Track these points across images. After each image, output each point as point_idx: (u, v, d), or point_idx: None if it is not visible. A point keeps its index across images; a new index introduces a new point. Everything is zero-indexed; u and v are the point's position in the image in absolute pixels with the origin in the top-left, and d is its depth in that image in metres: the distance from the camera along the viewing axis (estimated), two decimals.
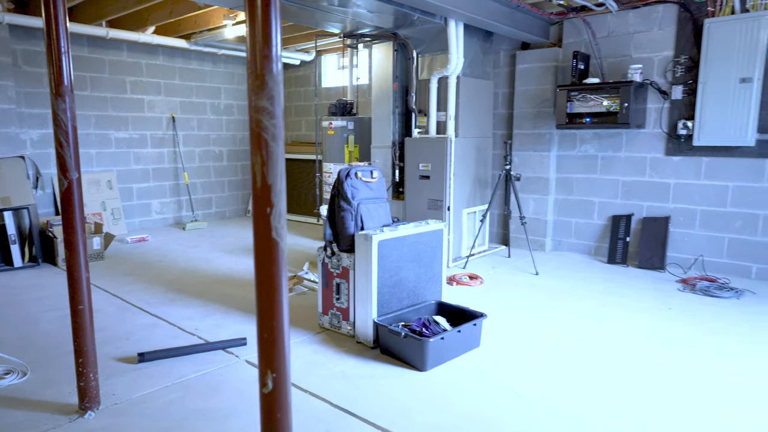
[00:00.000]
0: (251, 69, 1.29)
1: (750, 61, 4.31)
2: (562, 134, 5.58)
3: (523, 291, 4.28)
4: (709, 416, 2.36)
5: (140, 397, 2.52)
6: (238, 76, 8.11)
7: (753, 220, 4.56)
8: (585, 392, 2.59)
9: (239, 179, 8.33)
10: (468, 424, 2.30)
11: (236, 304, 3.93)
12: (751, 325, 3.50)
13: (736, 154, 4.59)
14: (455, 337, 2.95)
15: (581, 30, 5.31)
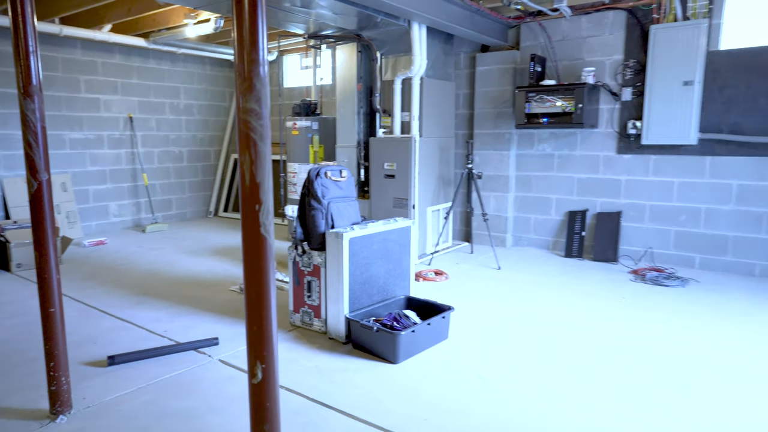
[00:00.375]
0: (239, 71, 1.35)
1: (691, 65, 4.62)
2: (520, 134, 5.79)
3: (487, 285, 4.43)
4: (658, 384, 2.55)
5: (113, 400, 2.50)
6: (197, 75, 7.99)
7: (696, 213, 4.88)
8: (548, 376, 2.74)
9: (200, 180, 8.20)
10: (439, 412, 2.41)
11: (205, 306, 3.92)
12: (694, 310, 3.76)
13: (681, 152, 4.90)
14: (425, 330, 3.06)
15: (538, 34, 5.53)
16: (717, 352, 3.06)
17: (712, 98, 4.68)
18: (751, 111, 4.54)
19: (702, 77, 4.65)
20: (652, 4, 4.85)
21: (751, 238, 4.65)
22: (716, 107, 4.68)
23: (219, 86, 8.32)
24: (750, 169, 4.59)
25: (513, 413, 2.39)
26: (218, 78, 8.30)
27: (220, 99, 8.36)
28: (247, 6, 1.33)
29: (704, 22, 4.54)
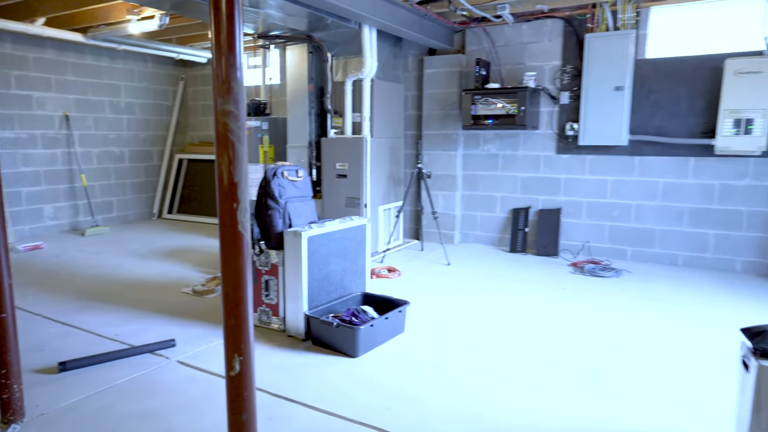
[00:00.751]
0: (217, 75, 1.39)
1: (622, 72, 4.98)
2: (467, 134, 6.02)
3: (438, 280, 4.60)
4: (597, 360, 2.78)
5: (69, 406, 2.45)
6: (138, 73, 7.73)
7: (627, 209, 5.26)
8: (498, 363, 2.91)
9: (143, 181, 7.94)
10: (400, 401, 2.52)
11: (157, 308, 3.84)
12: (625, 300, 4.08)
13: (613, 152, 5.26)
14: (383, 324, 3.16)
15: (482, 39, 5.77)
16: (644, 331, 3.34)
17: (641, 102, 5.07)
18: (674, 115, 4.95)
19: (631, 83, 5.02)
20: (586, 14, 5.19)
21: (674, 231, 5.07)
22: (644, 111, 5.07)
23: (162, 84, 8.09)
24: (673, 168, 5.01)
25: (467, 399, 2.53)
26: (160, 76, 8.06)
27: (162, 98, 8.12)
28: (225, 11, 1.38)
29: (632, 33, 4.91)
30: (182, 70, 8.34)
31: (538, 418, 2.35)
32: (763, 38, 4.50)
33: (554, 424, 2.31)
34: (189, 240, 6.32)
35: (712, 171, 4.86)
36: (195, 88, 8.35)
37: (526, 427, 2.28)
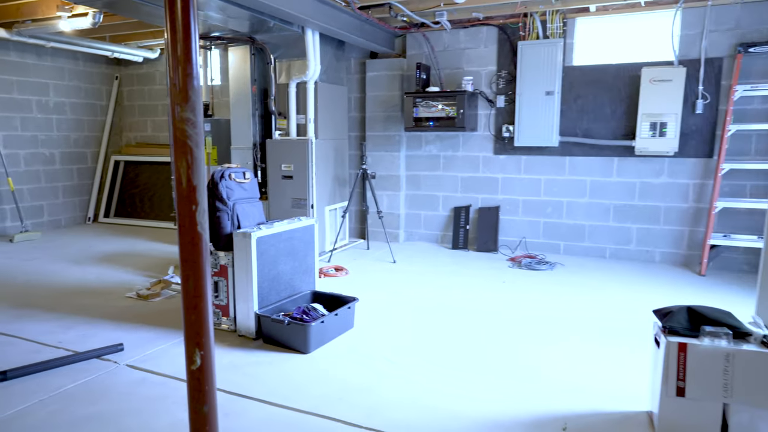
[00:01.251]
0: (174, 83, 1.46)
1: (552, 78, 5.32)
2: (409, 136, 6.21)
3: (385, 277, 4.75)
4: (534, 344, 3.02)
5: (15, 413, 2.40)
6: (68, 71, 7.41)
7: (559, 206, 5.63)
8: (444, 351, 3.09)
9: (76, 184, 7.61)
10: (352, 392, 2.64)
11: (99, 313, 3.77)
12: (558, 291, 4.39)
13: (546, 153, 5.61)
14: (333, 321, 3.27)
15: (422, 43, 5.98)
16: (574, 316, 3.64)
17: (569, 106, 5.44)
18: (599, 118, 5.35)
19: (560, 88, 5.38)
20: (518, 22, 5.50)
21: (602, 226, 5.48)
22: (572, 114, 5.44)
23: (95, 83, 7.78)
24: (599, 168, 5.41)
25: (415, 389, 2.69)
26: (93, 74, 7.76)
27: (96, 97, 7.82)
28: (181, 20, 1.45)
29: (560, 41, 5.26)
30: (117, 68, 8.06)
31: (482, 405, 2.54)
32: (672, 50, 4.95)
33: (496, 408, 2.51)
34: (129, 244, 6.15)
35: (633, 170, 5.30)
36: (131, 87, 8.09)
37: (471, 414, 2.46)
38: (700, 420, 2.15)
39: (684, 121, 4.97)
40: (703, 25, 4.85)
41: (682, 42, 4.94)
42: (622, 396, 2.60)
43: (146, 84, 7.96)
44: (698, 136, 4.98)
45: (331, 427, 2.31)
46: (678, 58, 4.94)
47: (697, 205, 5.08)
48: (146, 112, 8.02)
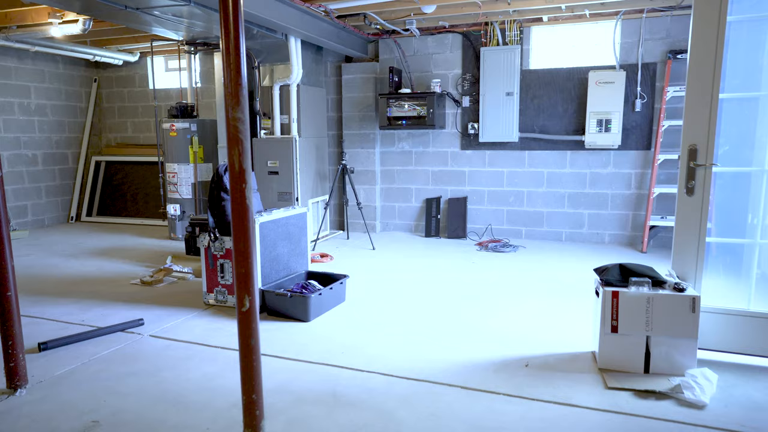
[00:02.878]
0: (229, 91, 1.93)
1: (511, 80, 5.94)
2: (383, 134, 6.73)
3: (366, 261, 5.25)
4: (501, 307, 3.58)
5: (64, 373, 2.79)
6: (49, 74, 7.60)
7: (520, 195, 6.25)
8: (425, 316, 3.62)
9: (58, 184, 7.80)
10: (350, 347, 3.13)
11: (111, 297, 4.13)
12: (521, 268, 4.99)
13: (507, 148, 6.23)
14: (329, 294, 3.75)
15: (393, 48, 6.50)
16: (534, 286, 4.23)
17: (527, 106, 6.06)
18: (553, 116, 6.00)
19: (519, 89, 6.00)
20: (480, 30, 6.09)
21: (558, 212, 6.13)
22: (530, 113, 6.07)
23: (74, 86, 7.99)
24: (554, 160, 6.06)
25: (402, 344, 3.20)
26: (73, 77, 7.96)
27: (76, 99, 8.03)
28: (233, 44, 1.92)
29: (518, 47, 5.88)
30: (95, 71, 8.28)
31: (459, 353, 3.08)
32: (614, 56, 5.63)
33: (471, 355, 3.05)
34: (118, 240, 6.44)
35: (584, 162, 5.96)
36: (110, 89, 8.32)
37: (451, 359, 2.99)
38: (629, 351, 2.74)
39: (625, 118, 5.66)
40: (639, 35, 5.55)
41: (622, 49, 5.63)
42: (572, 341, 3.18)
43: (125, 86, 8.20)
44: (638, 131, 5.68)
45: (338, 373, 2.80)
46: (619, 63, 5.63)
47: (638, 192, 5.78)
48: (126, 113, 8.27)
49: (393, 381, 2.70)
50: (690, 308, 2.64)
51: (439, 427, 2.26)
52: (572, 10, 5.51)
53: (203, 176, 6.46)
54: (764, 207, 2.77)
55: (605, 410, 2.39)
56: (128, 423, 2.32)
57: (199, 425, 2.30)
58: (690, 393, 2.45)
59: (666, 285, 2.75)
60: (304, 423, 2.31)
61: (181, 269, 4.82)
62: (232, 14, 1.90)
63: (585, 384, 2.64)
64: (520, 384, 2.65)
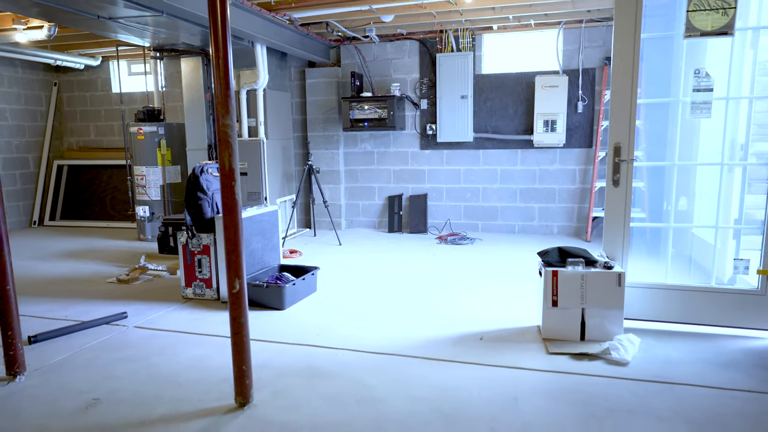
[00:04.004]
0: (219, 100, 2.23)
1: (465, 84, 6.37)
2: (346, 135, 7.05)
3: (334, 256, 5.57)
4: (459, 292, 3.97)
5: (58, 362, 3.00)
6: (7, 78, 7.56)
7: (476, 191, 6.70)
8: (390, 302, 3.97)
9: (19, 189, 7.76)
10: (324, 329, 3.45)
11: (89, 295, 4.30)
12: (477, 258, 5.42)
13: (463, 147, 6.66)
14: (302, 284, 4.06)
15: (354, 54, 6.84)
16: (489, 273, 4.65)
17: (480, 108, 6.51)
18: (504, 117, 6.47)
19: (473, 93, 6.44)
20: (435, 37, 6.50)
21: (511, 207, 6.61)
22: (483, 114, 6.53)
23: (34, 90, 7.95)
24: (506, 158, 6.54)
25: (371, 326, 3.55)
26: (32, 81, 7.93)
27: (36, 103, 7.99)
28: (222, 62, 2.21)
29: (470, 54, 6.32)
30: (55, 75, 8.26)
31: (421, 331, 3.44)
32: (558, 62, 6.15)
33: (430, 333, 3.42)
34: (85, 242, 6.52)
35: (533, 159, 6.46)
36: (70, 93, 8.31)
37: (414, 337, 3.35)
38: (568, 323, 3.17)
39: (569, 118, 6.19)
40: (579, 43, 6.08)
41: (564, 55, 6.15)
42: (521, 318, 3.60)
43: (87, 90, 8.22)
44: (580, 131, 6.21)
45: (314, 351, 3.12)
46: (562, 69, 6.15)
47: (582, 186, 6.32)
48: (88, 117, 8.28)
49: (363, 356, 3.04)
50: (617, 283, 3.09)
51: (406, 389, 2.62)
52: (519, 20, 5.98)
53: (171, 178, 6.62)
54: (676, 195, 3.26)
55: (547, 371, 2.81)
56: (126, 400, 2.57)
57: (191, 398, 2.57)
58: (616, 353, 2.90)
59: (597, 264, 3.20)
60: (287, 392, 2.62)
61: (156, 267, 5.00)
62: (221, 35, 2.20)
63: (531, 351, 3.05)
64: (475, 354, 3.04)
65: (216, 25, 2.19)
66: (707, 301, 3.24)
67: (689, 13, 2.96)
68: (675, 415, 2.34)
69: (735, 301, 3.19)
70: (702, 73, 3.03)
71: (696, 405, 2.42)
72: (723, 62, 3.41)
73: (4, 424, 2.36)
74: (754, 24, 3.54)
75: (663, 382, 2.65)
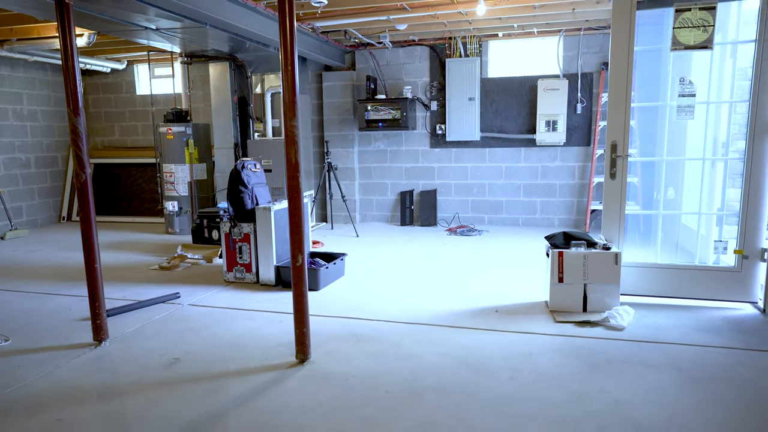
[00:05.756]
0: (287, 105, 2.70)
1: (473, 87, 6.86)
2: (361, 135, 7.53)
3: (353, 246, 6.05)
4: (471, 275, 4.45)
5: (133, 331, 3.47)
6: (39, 81, 8.01)
7: (483, 187, 7.19)
8: (411, 283, 4.45)
9: (49, 186, 8.20)
10: (358, 305, 3.93)
11: (138, 280, 4.76)
12: (485, 248, 5.91)
13: (471, 146, 7.15)
14: (334, 268, 4.53)
15: (368, 59, 7.31)
16: (498, 259, 5.14)
17: (486, 109, 7.00)
18: (509, 118, 6.96)
19: (479, 95, 6.93)
20: (445, 43, 6.99)
21: (515, 201, 7.10)
22: (489, 115, 7.01)
23: (62, 92, 8.39)
24: (511, 156, 7.02)
25: (398, 301, 4.02)
26: (61, 84, 8.37)
27: (64, 105, 8.43)
28: (289, 72, 2.69)
29: (477, 59, 6.81)
30: (82, 78, 8.70)
31: (442, 305, 3.92)
32: (558, 66, 6.64)
33: (451, 306, 3.90)
34: (117, 236, 6.97)
35: (536, 157, 6.95)
36: (96, 95, 8.75)
37: (436, 309, 3.83)
38: (572, 296, 3.66)
39: (569, 119, 6.68)
40: (578, 49, 6.57)
41: (564, 61, 6.64)
42: (530, 295, 4.09)
43: (112, 92, 8.67)
44: (579, 130, 6.71)
45: (353, 322, 3.60)
46: (563, 73, 6.64)
47: (581, 181, 6.82)
48: (112, 118, 8.73)
49: (396, 325, 3.52)
50: (614, 261, 3.58)
51: (436, 348, 3.10)
52: (523, 28, 6.47)
53: (198, 175, 7.08)
54: (665, 187, 3.75)
55: (555, 335, 3.29)
56: (201, 359, 3.04)
57: (256, 357, 3.05)
58: (614, 321, 3.39)
59: (597, 246, 3.69)
60: (337, 352, 3.10)
61: (193, 256, 5.47)
62: (289, 53, 2.67)
63: (540, 321, 3.54)
64: (492, 323, 3.52)
65: (286, 45, 2.67)
66: (692, 278, 3.73)
67: (675, 29, 3.45)
68: (662, 364, 2.83)
69: (715, 277, 3.69)
70: (686, 80, 3.52)
71: (680, 357, 2.92)
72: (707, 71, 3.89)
73: (106, 376, 2.83)
74: (733, 38, 4.04)
75: (653, 342, 3.14)
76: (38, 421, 2.39)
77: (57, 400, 2.57)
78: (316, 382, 2.71)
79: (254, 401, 2.52)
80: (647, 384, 2.61)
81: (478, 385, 2.64)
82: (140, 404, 2.52)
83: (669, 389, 2.56)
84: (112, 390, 2.67)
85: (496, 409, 2.41)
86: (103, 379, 2.79)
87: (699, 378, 2.67)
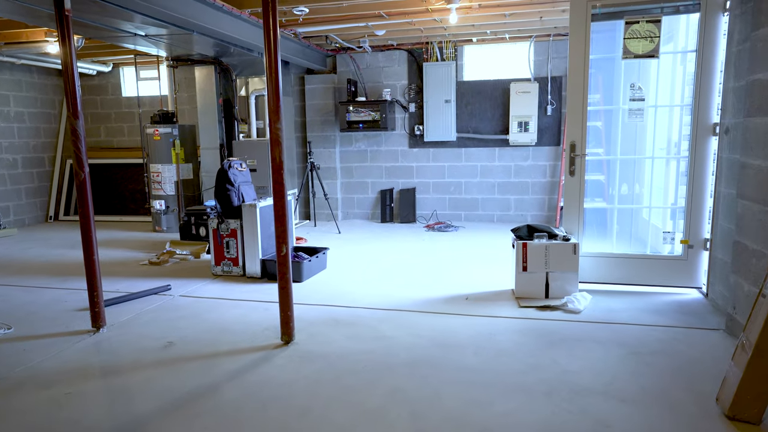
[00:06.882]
0: (272, 108, 2.99)
1: (449, 89, 7.19)
2: (343, 135, 7.81)
3: (335, 242, 6.33)
4: (446, 268, 4.77)
5: (128, 319, 3.71)
6: (26, 83, 8.14)
7: (459, 185, 7.52)
8: (390, 275, 4.75)
9: (36, 186, 8.34)
10: (341, 295, 4.21)
11: (130, 274, 4.99)
12: (461, 242, 6.24)
13: (447, 146, 7.48)
14: (316, 261, 4.82)
15: (349, 62, 7.60)
16: (473, 253, 5.47)
17: (462, 111, 7.34)
18: (483, 119, 7.30)
19: (455, 97, 7.26)
20: (422, 48, 7.31)
21: (490, 198, 7.45)
22: (465, 117, 7.35)
23: (48, 94, 8.54)
24: (486, 155, 7.37)
25: (377, 291, 4.32)
26: (47, 86, 8.51)
27: (50, 106, 8.57)
28: (274, 80, 2.97)
29: (453, 63, 7.14)
30: None
31: (417, 294, 4.23)
32: (529, 70, 7.00)
33: (425, 294, 4.21)
34: (105, 234, 7.16)
35: (509, 156, 7.31)
36: (82, 97, 8.88)
37: (412, 297, 4.14)
38: (535, 284, 3.99)
39: (540, 120, 7.05)
40: (548, 54, 6.95)
41: (535, 65, 7.01)
42: (498, 284, 4.42)
43: (98, 94, 8.82)
44: (549, 131, 7.08)
45: (335, 309, 3.89)
46: (534, 76, 7.01)
47: (552, 180, 7.19)
48: (99, 119, 8.89)
49: (374, 311, 3.82)
50: (573, 251, 3.93)
51: (409, 330, 3.41)
52: (495, 34, 6.82)
53: (184, 175, 7.30)
54: (619, 183, 4.11)
55: (518, 318, 3.62)
56: (194, 342, 3.31)
57: (245, 340, 3.32)
58: (572, 305, 3.73)
59: (558, 237, 4.03)
60: (319, 335, 3.39)
61: (181, 252, 5.70)
62: (273, 63, 2.95)
63: (506, 306, 3.87)
64: (462, 308, 3.84)
65: (270, 56, 2.95)
66: (644, 267, 4.10)
67: (625, 40, 3.81)
68: (609, 340, 3.18)
69: (665, 265, 4.06)
70: (636, 86, 3.88)
71: (627, 334, 3.27)
72: (662, 76, 4.26)
73: (107, 357, 3.08)
74: (683, 47, 4.42)
75: (605, 322, 3.49)
76: (50, 393, 2.64)
77: (64, 377, 2.82)
78: (299, 360, 3.00)
79: (245, 375, 2.80)
80: (594, 357, 2.95)
81: (445, 359, 2.95)
82: (141, 379, 2.78)
83: (612, 361, 2.90)
84: (114, 368, 2.93)
85: (459, 378, 2.73)
86: (105, 360, 3.04)
87: (639, 351, 3.02)
